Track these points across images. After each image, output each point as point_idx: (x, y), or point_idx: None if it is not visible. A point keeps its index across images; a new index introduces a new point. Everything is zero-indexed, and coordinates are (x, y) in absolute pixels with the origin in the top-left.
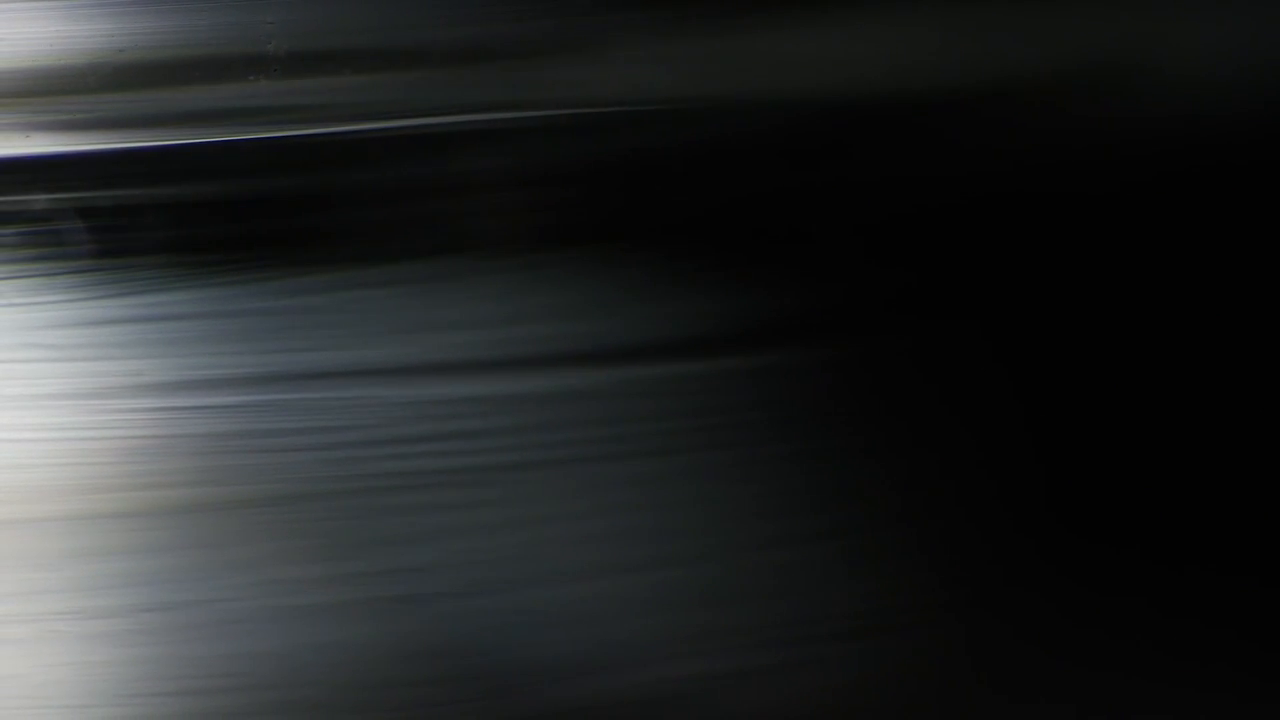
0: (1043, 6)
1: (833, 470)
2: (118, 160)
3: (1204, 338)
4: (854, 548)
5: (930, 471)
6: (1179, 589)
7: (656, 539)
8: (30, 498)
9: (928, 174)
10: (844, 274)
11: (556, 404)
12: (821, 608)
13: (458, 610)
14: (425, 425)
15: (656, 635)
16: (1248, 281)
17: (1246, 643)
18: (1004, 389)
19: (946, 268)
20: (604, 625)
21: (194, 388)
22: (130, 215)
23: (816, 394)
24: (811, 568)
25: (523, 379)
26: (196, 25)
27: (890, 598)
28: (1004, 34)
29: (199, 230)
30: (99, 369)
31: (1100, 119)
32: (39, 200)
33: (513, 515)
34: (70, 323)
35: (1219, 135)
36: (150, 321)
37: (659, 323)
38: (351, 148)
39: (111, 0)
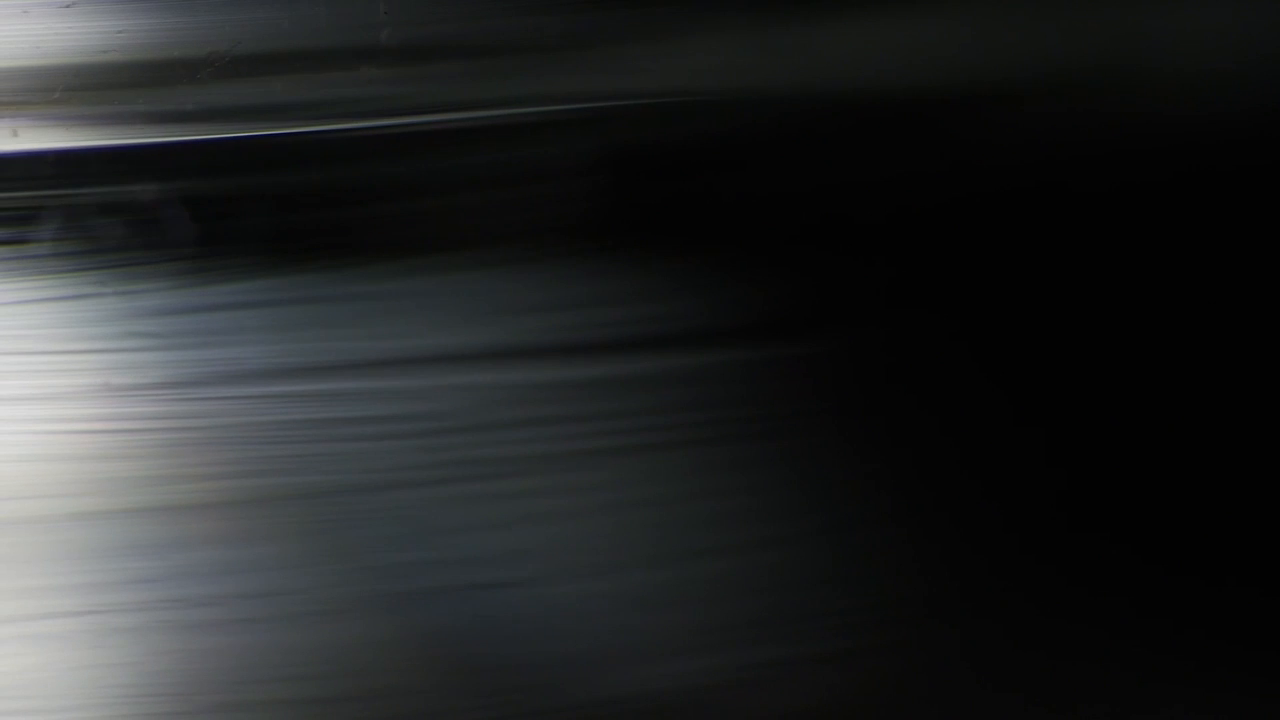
0: (1045, 6)
1: (833, 467)
2: (224, 150)
3: (1201, 337)
4: (854, 545)
5: (931, 469)
6: (1173, 587)
7: (670, 534)
8: (131, 487)
9: (928, 170)
10: (850, 269)
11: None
12: (822, 605)
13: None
14: (510, 411)
15: (664, 632)
16: (1246, 281)
17: (1244, 642)
18: (1013, 387)
19: (951, 264)
20: (616, 621)
21: (292, 375)
22: (235, 204)
23: (822, 388)
24: (812, 565)
25: (572, 366)
26: (310, 16)
27: (887, 596)
28: (1006, 33)
29: (300, 218)
30: (201, 356)
31: (1101, 118)
32: (147, 190)
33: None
34: (173, 310)
35: (1219, 134)
36: (250, 308)
37: (683, 313)
38: (436, 137)
39: None
